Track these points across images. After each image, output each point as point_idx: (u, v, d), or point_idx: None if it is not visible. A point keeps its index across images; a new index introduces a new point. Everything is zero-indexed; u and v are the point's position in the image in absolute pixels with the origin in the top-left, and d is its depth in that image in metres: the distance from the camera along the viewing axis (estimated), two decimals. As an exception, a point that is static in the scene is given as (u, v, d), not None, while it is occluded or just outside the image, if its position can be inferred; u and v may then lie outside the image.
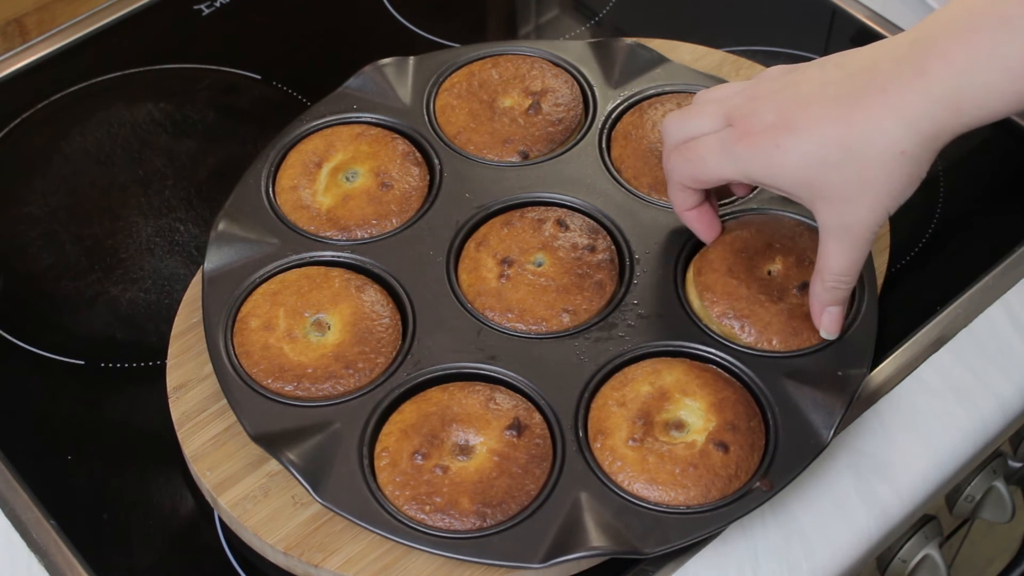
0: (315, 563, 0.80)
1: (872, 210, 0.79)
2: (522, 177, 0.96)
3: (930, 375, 0.91)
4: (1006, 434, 0.91)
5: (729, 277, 0.88)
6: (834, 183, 0.78)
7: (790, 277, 0.89)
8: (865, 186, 0.78)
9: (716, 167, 0.83)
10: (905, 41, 0.77)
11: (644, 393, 0.84)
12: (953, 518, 1.03)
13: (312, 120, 0.99)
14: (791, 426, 0.83)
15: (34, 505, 0.86)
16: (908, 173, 0.78)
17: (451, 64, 1.03)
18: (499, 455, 0.81)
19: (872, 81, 0.77)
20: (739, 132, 0.81)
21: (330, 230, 0.93)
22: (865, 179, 0.78)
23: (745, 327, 0.87)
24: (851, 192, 0.78)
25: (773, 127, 0.79)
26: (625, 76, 1.02)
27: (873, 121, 0.76)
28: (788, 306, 0.87)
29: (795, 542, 0.84)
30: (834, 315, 0.85)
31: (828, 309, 0.85)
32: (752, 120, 0.80)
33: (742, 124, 0.81)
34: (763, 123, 0.80)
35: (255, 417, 0.84)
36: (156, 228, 1.01)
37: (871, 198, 0.78)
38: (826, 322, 0.85)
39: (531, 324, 0.88)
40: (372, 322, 0.88)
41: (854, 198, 0.79)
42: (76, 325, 0.96)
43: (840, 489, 0.86)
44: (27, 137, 1.07)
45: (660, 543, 0.78)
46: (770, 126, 0.79)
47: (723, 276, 0.88)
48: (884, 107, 0.76)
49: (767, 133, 0.79)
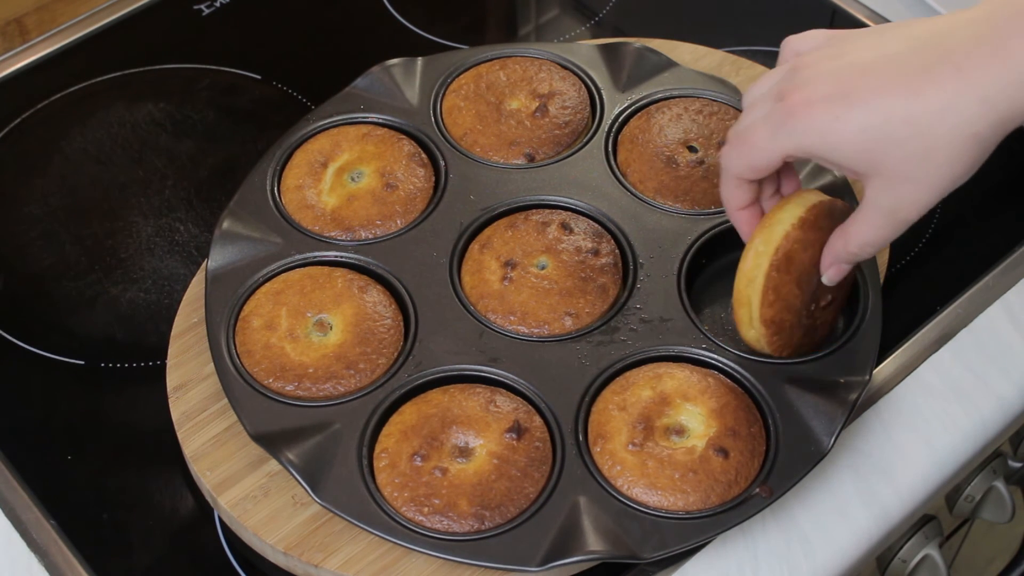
0: (315, 563, 0.80)
1: (928, 192, 0.75)
2: (527, 179, 0.96)
3: (930, 375, 0.91)
4: (1006, 434, 0.92)
5: (787, 313, 0.84)
6: (894, 159, 0.74)
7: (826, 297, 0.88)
8: (927, 166, 0.74)
9: (770, 147, 0.78)
10: (977, 17, 0.73)
11: (645, 398, 0.83)
12: (953, 518, 1.03)
13: (319, 120, 0.99)
14: (792, 433, 0.83)
15: (34, 505, 0.86)
16: (973, 156, 0.74)
17: (459, 66, 1.03)
18: (498, 458, 0.81)
19: (946, 57, 0.72)
20: (791, 104, 0.76)
21: (334, 230, 0.93)
22: (929, 159, 0.74)
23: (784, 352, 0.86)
24: (911, 171, 0.74)
25: (829, 98, 0.74)
26: (633, 80, 1.02)
27: (946, 99, 0.72)
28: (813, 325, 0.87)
29: (795, 542, 0.84)
30: (843, 271, 0.83)
31: (840, 265, 0.82)
32: (805, 91, 0.75)
33: (795, 95, 0.76)
34: (818, 93, 0.75)
35: (255, 416, 0.84)
36: (156, 228, 1.01)
37: (931, 179, 0.74)
38: (833, 273, 0.82)
39: (533, 327, 0.88)
40: (374, 323, 0.88)
41: (913, 177, 0.74)
42: (76, 325, 0.96)
43: (840, 489, 0.86)
44: (27, 137, 1.07)
45: (658, 548, 0.78)
46: (826, 97, 0.75)
47: (782, 312, 0.85)
48: (959, 84, 0.72)
49: (823, 104, 0.74)
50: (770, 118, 0.77)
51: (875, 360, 0.87)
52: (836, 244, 0.82)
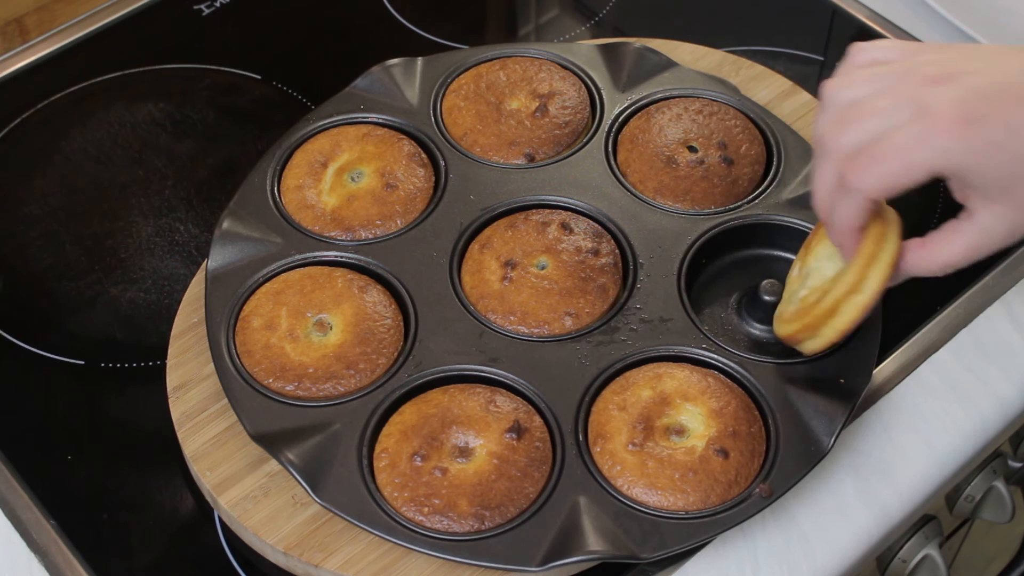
0: (315, 563, 0.80)
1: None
2: (527, 179, 0.96)
3: (930, 375, 0.91)
4: (1006, 434, 0.92)
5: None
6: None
7: None
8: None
9: (921, 163, 0.72)
10: None
11: (645, 398, 0.83)
12: (953, 518, 1.03)
13: (319, 120, 0.99)
14: (792, 433, 0.83)
15: (34, 505, 0.86)
16: None
17: (459, 65, 1.03)
18: (498, 458, 0.81)
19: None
20: (946, 122, 0.71)
21: (334, 230, 0.93)
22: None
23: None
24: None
25: (984, 118, 0.70)
26: (633, 80, 1.02)
27: None
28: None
29: (795, 542, 0.84)
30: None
31: (900, 280, 0.79)
32: (958, 109, 0.71)
33: (945, 110, 0.71)
34: (973, 112, 0.70)
35: (255, 416, 0.84)
36: (156, 228, 1.01)
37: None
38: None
39: (533, 327, 0.88)
40: (374, 323, 0.88)
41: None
42: (76, 325, 0.96)
43: (840, 489, 0.86)
44: (27, 137, 1.07)
45: (658, 548, 0.78)
46: (980, 116, 0.70)
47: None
48: None
49: (981, 124, 0.70)
50: (921, 135, 0.71)
51: (875, 360, 0.87)
52: (913, 260, 0.78)
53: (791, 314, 0.84)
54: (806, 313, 0.82)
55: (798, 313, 0.83)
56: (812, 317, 0.82)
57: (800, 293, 0.85)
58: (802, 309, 0.83)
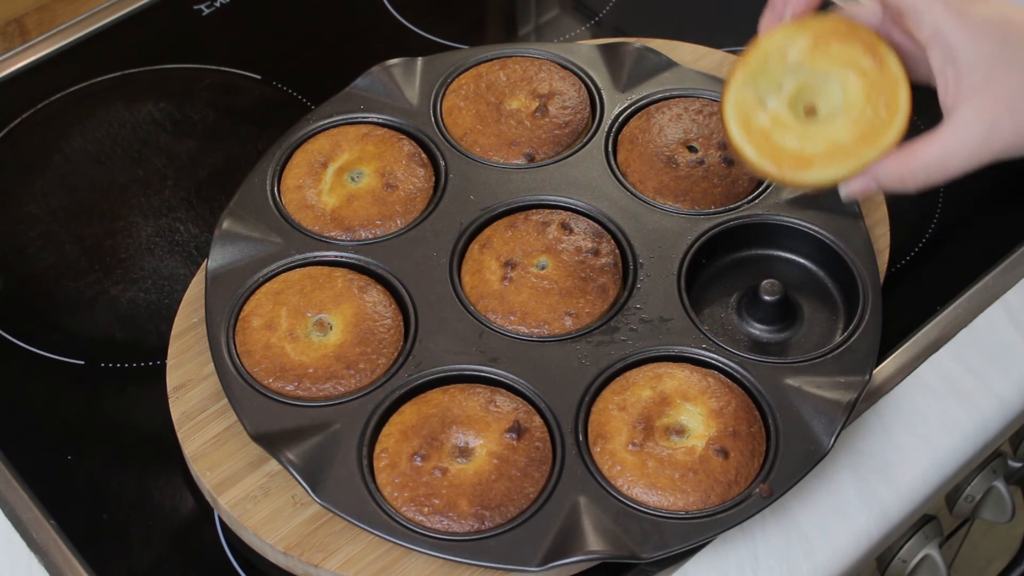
0: (315, 563, 0.80)
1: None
2: (527, 179, 0.96)
3: (930, 375, 0.91)
4: (1006, 434, 0.92)
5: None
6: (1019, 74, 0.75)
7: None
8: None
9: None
10: None
11: (645, 398, 0.83)
12: (953, 518, 1.03)
13: (319, 120, 0.99)
14: (792, 432, 0.83)
15: (34, 505, 0.86)
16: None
17: (459, 65, 1.03)
18: (498, 457, 0.81)
19: None
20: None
21: (334, 230, 0.93)
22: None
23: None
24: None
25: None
26: (633, 80, 1.02)
27: None
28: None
29: (795, 542, 0.84)
30: (866, 193, 0.80)
31: (871, 186, 0.80)
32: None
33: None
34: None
35: (255, 416, 0.84)
36: (156, 228, 1.01)
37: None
38: (857, 189, 0.80)
39: (533, 327, 0.88)
40: (374, 323, 0.88)
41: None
42: (76, 325, 0.96)
43: (840, 489, 0.86)
44: (27, 137, 1.07)
45: (658, 548, 0.78)
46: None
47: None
48: None
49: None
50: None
51: (875, 360, 0.87)
52: (893, 164, 0.79)
53: (757, 131, 0.81)
54: (774, 152, 0.80)
55: (765, 144, 0.80)
56: (777, 158, 0.80)
57: (774, 101, 0.81)
58: (773, 144, 0.80)
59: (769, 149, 0.80)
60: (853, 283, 0.90)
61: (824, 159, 0.79)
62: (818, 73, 0.81)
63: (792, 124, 0.81)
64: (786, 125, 0.81)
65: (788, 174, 0.80)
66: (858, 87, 0.80)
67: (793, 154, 0.80)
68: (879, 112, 0.79)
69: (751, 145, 0.81)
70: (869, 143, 0.79)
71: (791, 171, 0.80)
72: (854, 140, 0.79)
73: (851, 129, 0.79)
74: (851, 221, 0.93)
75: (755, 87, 0.81)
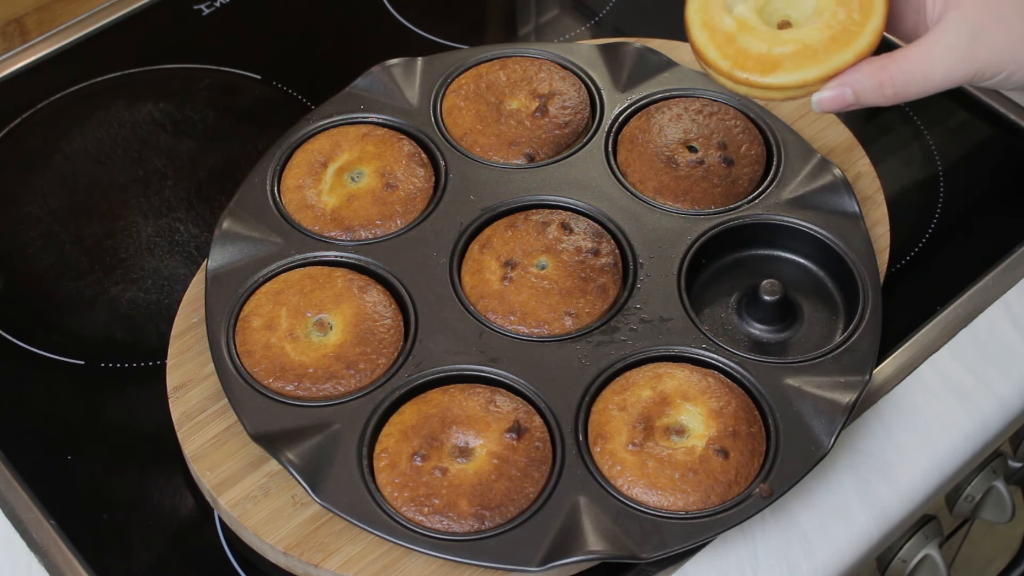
0: (315, 563, 0.80)
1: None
2: (527, 179, 0.96)
3: (930, 375, 0.91)
4: (1006, 434, 0.92)
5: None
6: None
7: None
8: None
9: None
10: None
11: (645, 398, 0.83)
12: (953, 518, 1.03)
13: (319, 120, 0.99)
14: (792, 432, 0.83)
15: (34, 505, 0.86)
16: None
17: (459, 65, 1.03)
18: (498, 458, 0.81)
19: None
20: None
21: (334, 230, 0.93)
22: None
23: None
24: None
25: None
26: (633, 80, 1.02)
27: None
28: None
29: (795, 542, 0.84)
30: (841, 104, 0.76)
31: (845, 95, 0.76)
32: None
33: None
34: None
35: (255, 416, 0.84)
36: (156, 228, 1.01)
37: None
38: (830, 101, 0.76)
39: (533, 327, 0.88)
40: (374, 323, 0.88)
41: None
42: (76, 325, 0.96)
43: (840, 489, 0.86)
44: (27, 137, 1.07)
45: (658, 548, 0.78)
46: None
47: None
48: None
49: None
50: None
51: (875, 360, 0.87)
52: (869, 69, 0.75)
53: (723, 40, 0.77)
54: (740, 59, 0.76)
55: (732, 50, 0.76)
56: (743, 62, 0.76)
57: (741, 6, 0.78)
58: (740, 49, 0.76)
59: (733, 51, 0.77)
60: (853, 283, 0.90)
61: (792, 60, 0.75)
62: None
63: (759, 28, 0.77)
64: (753, 29, 0.77)
65: (753, 77, 0.76)
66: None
67: (758, 56, 0.76)
68: (852, 15, 0.76)
69: (713, 46, 0.77)
70: (841, 45, 0.75)
71: (756, 74, 0.76)
72: (825, 42, 0.75)
73: (822, 32, 0.76)
74: (851, 221, 0.93)
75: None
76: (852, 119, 1.04)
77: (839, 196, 0.94)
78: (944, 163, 1.04)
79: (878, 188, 0.98)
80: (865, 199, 0.97)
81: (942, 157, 1.05)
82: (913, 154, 1.05)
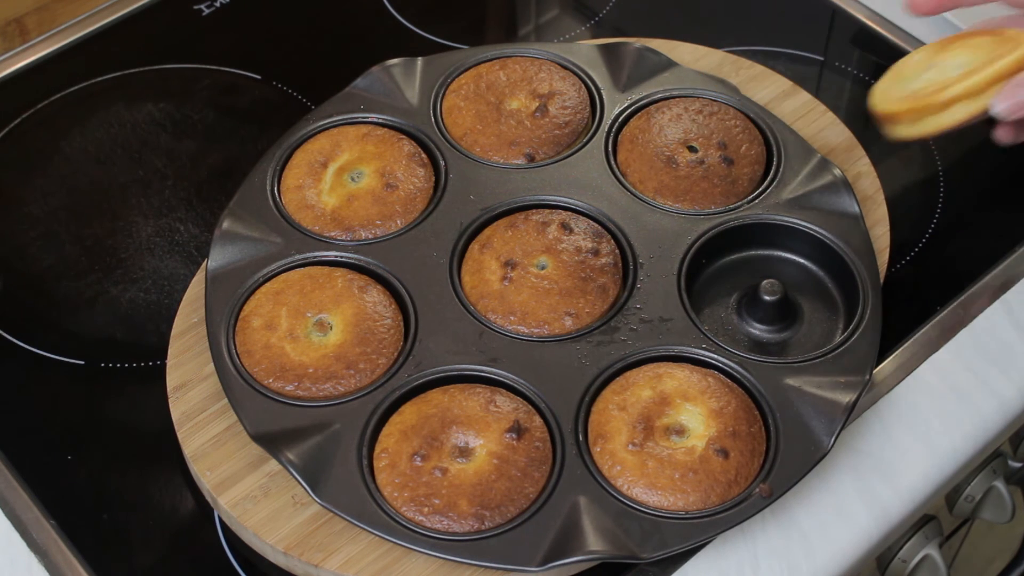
0: (315, 563, 0.80)
1: None
2: (527, 179, 0.96)
3: (930, 375, 0.91)
4: (1006, 434, 0.92)
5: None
6: None
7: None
8: None
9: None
10: None
11: (645, 398, 0.83)
12: (953, 518, 1.03)
13: (319, 120, 0.99)
14: (792, 432, 0.83)
15: (34, 505, 0.86)
16: None
17: (459, 65, 1.03)
18: (498, 458, 0.81)
19: None
20: None
21: (334, 230, 0.93)
22: None
23: None
24: None
25: None
26: (633, 80, 1.02)
27: None
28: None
29: (795, 542, 0.84)
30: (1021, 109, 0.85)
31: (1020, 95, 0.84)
32: None
33: None
34: None
35: (255, 416, 0.84)
36: (156, 228, 1.01)
37: None
38: (1010, 108, 0.85)
39: (533, 327, 0.88)
40: (374, 323, 0.88)
41: None
42: (76, 325, 0.96)
43: (840, 489, 0.86)
44: (27, 137, 1.07)
45: (658, 548, 0.78)
46: None
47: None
48: None
49: None
50: None
51: (875, 360, 0.87)
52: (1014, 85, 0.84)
53: (904, 96, 0.89)
54: (919, 99, 0.87)
55: (911, 97, 0.88)
56: (924, 104, 0.87)
57: (914, 83, 0.90)
58: (916, 94, 0.88)
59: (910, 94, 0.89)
60: (853, 283, 0.90)
61: (957, 80, 0.86)
62: (946, 56, 0.90)
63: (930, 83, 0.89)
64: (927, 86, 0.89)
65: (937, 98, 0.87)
66: (982, 43, 0.88)
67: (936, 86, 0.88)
68: (1004, 45, 0.86)
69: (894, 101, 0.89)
70: (1000, 54, 0.86)
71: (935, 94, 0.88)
72: (982, 60, 0.86)
73: (976, 55, 0.87)
74: (851, 221, 0.93)
75: (897, 82, 0.91)
76: (852, 119, 1.04)
77: (839, 196, 0.94)
78: (944, 163, 1.04)
79: (878, 188, 0.98)
80: (865, 199, 0.97)
81: (942, 157, 1.05)
82: (913, 154, 1.05)
